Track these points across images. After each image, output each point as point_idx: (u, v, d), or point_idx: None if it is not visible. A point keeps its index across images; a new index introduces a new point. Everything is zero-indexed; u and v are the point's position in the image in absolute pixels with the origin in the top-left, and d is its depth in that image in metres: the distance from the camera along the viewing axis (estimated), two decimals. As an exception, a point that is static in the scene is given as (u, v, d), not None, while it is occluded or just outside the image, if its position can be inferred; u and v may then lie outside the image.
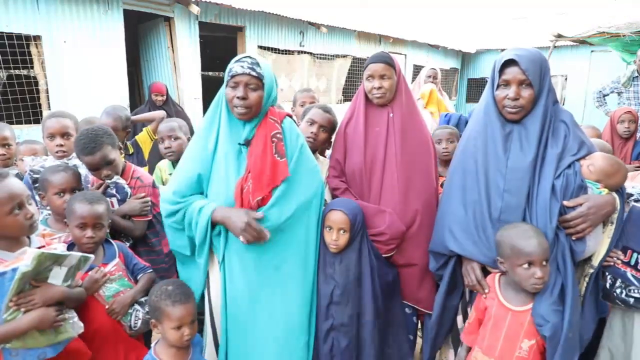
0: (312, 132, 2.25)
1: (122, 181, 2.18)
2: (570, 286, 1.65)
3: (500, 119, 1.79)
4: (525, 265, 1.62)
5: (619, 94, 5.36)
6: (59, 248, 1.64)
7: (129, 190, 2.19)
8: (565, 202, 1.68)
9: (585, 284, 1.80)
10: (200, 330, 1.94)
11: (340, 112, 2.60)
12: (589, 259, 1.79)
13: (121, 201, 2.16)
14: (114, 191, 2.15)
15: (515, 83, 1.71)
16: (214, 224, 1.81)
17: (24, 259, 1.47)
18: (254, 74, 1.75)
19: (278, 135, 1.84)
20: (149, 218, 2.22)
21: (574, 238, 1.68)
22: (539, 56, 1.74)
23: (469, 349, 1.87)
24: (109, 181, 2.12)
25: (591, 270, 1.78)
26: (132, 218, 2.16)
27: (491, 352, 1.72)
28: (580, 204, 1.67)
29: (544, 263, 1.62)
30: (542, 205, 1.69)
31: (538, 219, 1.69)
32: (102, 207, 1.86)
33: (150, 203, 2.20)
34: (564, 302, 1.65)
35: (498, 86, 1.77)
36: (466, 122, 3.65)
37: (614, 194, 1.74)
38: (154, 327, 1.71)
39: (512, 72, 1.71)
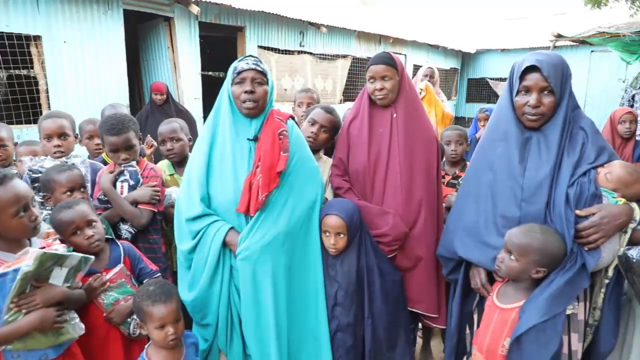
0: (312, 132, 2.26)
1: (136, 168, 2.25)
2: (554, 291, 1.57)
3: (518, 126, 1.72)
4: (504, 252, 1.66)
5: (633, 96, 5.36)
6: (60, 249, 1.63)
7: (141, 179, 2.24)
8: (577, 212, 1.60)
9: (602, 295, 1.71)
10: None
11: (340, 111, 2.60)
12: (606, 270, 1.69)
13: (132, 188, 2.22)
14: (127, 177, 2.21)
15: (536, 90, 1.64)
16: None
17: (26, 259, 1.45)
18: (259, 69, 1.84)
19: (284, 133, 1.90)
20: (156, 209, 2.24)
21: (586, 249, 1.60)
22: (560, 61, 1.66)
23: None
24: (124, 164, 2.21)
25: (606, 281, 1.69)
26: (139, 206, 2.20)
27: (481, 349, 1.72)
28: (593, 214, 1.58)
29: (512, 256, 1.61)
30: (558, 215, 1.62)
31: (556, 228, 1.63)
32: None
33: (159, 193, 2.24)
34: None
35: (518, 92, 1.69)
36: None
37: (634, 204, 1.63)
38: (140, 329, 1.70)
39: (533, 79, 1.64)
